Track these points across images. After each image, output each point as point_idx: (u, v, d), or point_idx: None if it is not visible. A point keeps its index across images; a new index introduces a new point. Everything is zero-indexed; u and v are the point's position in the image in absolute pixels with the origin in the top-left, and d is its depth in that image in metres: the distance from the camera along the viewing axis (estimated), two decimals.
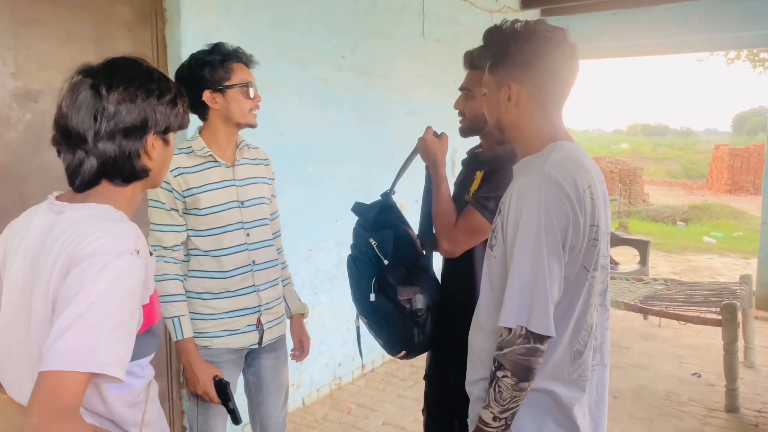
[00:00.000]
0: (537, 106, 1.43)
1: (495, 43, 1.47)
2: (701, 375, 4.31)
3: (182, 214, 1.98)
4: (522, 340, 1.29)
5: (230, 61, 1.98)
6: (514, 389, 1.31)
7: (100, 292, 0.98)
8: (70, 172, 1.15)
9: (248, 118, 2.02)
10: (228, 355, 2.06)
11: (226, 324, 2.03)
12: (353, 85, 3.97)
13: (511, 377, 1.30)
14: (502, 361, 1.32)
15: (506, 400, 1.32)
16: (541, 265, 1.29)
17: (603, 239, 1.41)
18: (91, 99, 1.12)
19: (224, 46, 2.00)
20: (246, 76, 1.99)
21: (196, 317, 2.03)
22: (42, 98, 2.42)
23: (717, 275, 7.94)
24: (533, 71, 1.40)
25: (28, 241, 1.13)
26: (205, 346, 2.03)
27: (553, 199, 1.30)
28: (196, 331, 2.03)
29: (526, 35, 1.41)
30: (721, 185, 19.03)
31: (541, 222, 1.29)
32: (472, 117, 2.00)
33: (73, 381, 0.94)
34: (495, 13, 5.47)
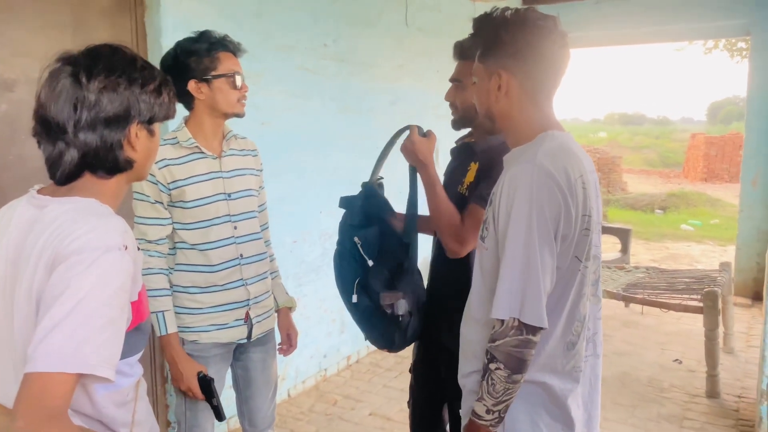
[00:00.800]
0: (527, 95, 1.41)
1: (485, 31, 1.44)
2: (682, 361, 4.37)
3: (167, 207, 1.93)
4: (514, 331, 1.28)
5: (217, 50, 1.92)
6: (507, 381, 1.30)
7: (87, 289, 0.94)
8: (51, 164, 1.11)
9: (235, 108, 1.97)
10: (216, 350, 2.03)
11: (213, 318, 2.00)
12: (336, 73, 3.92)
13: (504, 369, 1.29)
14: (494, 353, 1.31)
15: (499, 393, 1.31)
16: (533, 256, 1.28)
17: (595, 229, 1.41)
18: (70, 87, 1.07)
19: (211, 34, 1.94)
20: (233, 66, 1.94)
21: (183, 311, 1.99)
22: (18, 87, 2.34)
23: (695, 262, 8.05)
24: (524, 60, 1.38)
25: (9, 236, 1.08)
26: (192, 341, 2.00)
27: (544, 189, 1.29)
28: (183, 326, 1.99)
29: (517, 23, 1.38)
30: (697, 173, 19.28)
31: (533, 212, 1.28)
32: (464, 108, 1.97)
33: (61, 382, 0.90)
34: (478, 2, 5.43)
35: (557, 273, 1.34)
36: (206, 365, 2.00)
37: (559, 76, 1.43)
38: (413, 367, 2.26)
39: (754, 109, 5.91)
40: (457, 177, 2.02)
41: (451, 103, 2.01)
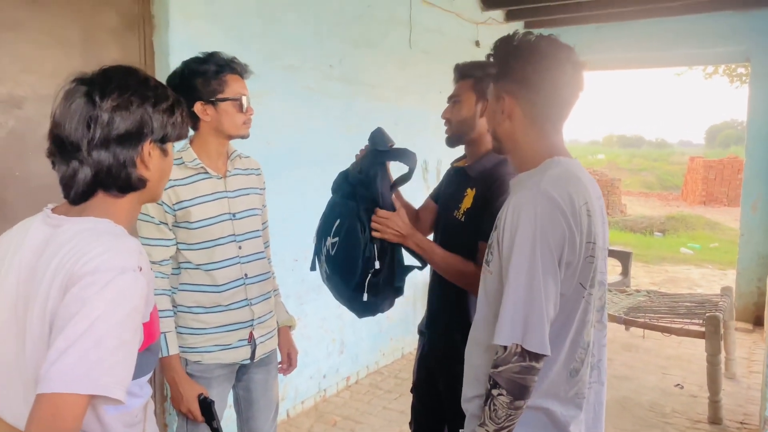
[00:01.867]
0: (531, 122, 1.42)
1: (498, 55, 1.46)
2: (684, 386, 4.34)
3: (172, 228, 1.93)
4: (517, 358, 1.28)
5: (225, 72, 1.91)
6: (509, 407, 1.29)
7: (101, 310, 0.94)
8: (65, 183, 1.11)
9: (240, 130, 1.97)
10: (219, 371, 2.01)
11: (217, 339, 1.99)
12: (340, 93, 3.95)
13: (506, 395, 1.29)
14: (497, 378, 1.30)
15: (501, 419, 1.30)
16: (536, 283, 1.28)
17: (600, 255, 1.40)
18: (84, 106, 1.08)
19: (219, 56, 1.94)
20: (240, 89, 1.94)
21: (187, 332, 1.98)
22: (26, 104, 2.36)
23: (695, 286, 8.04)
24: (528, 88, 1.39)
25: (23, 255, 1.08)
26: (196, 361, 1.98)
27: (548, 215, 1.29)
28: (187, 346, 1.98)
29: (528, 51, 1.39)
30: (695, 197, 19.33)
31: (537, 239, 1.28)
32: (458, 122, 2.00)
33: (74, 404, 0.90)
34: (480, 25, 5.51)
35: (561, 300, 1.33)
36: (209, 386, 1.98)
37: (568, 106, 1.43)
38: (414, 388, 2.25)
39: (754, 134, 5.95)
40: (452, 203, 2.02)
41: (447, 120, 2.04)
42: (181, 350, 1.98)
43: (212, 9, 2.95)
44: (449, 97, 2.05)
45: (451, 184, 2.12)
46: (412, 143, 4.57)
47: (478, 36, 5.51)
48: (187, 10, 2.82)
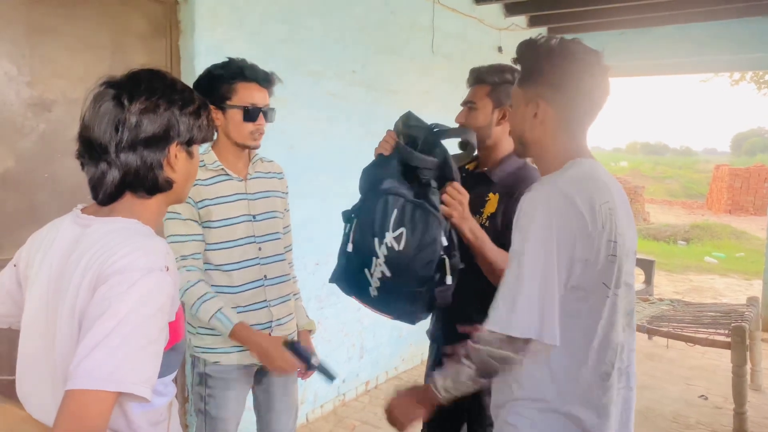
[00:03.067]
0: (562, 125, 1.42)
1: (527, 59, 1.45)
2: (708, 397, 4.27)
3: (200, 224, 1.95)
4: (501, 344, 1.32)
5: (236, 79, 1.92)
6: (472, 380, 1.38)
7: (129, 309, 0.96)
8: (93, 184, 1.13)
9: (246, 140, 1.96)
10: (238, 372, 2.03)
11: None
12: (363, 99, 3.97)
13: (474, 370, 1.36)
14: (472, 354, 1.36)
15: (461, 384, 1.39)
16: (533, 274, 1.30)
17: (625, 256, 1.39)
18: (113, 109, 1.10)
19: (235, 63, 1.94)
20: (250, 98, 1.92)
21: (206, 332, 2.00)
22: (56, 107, 2.41)
23: (719, 296, 7.91)
24: (563, 92, 1.39)
25: (53, 254, 1.11)
26: (214, 362, 2.00)
27: (559, 211, 1.30)
28: (205, 347, 2.00)
29: (560, 55, 1.39)
30: (721, 205, 19.04)
31: (547, 231, 1.29)
32: (475, 129, 1.97)
33: (101, 400, 0.91)
34: (503, 31, 5.49)
35: (584, 301, 1.32)
36: (227, 387, 2.00)
37: (596, 109, 1.43)
38: None
39: None
40: (473, 207, 1.92)
41: (462, 124, 2.02)
42: (200, 351, 2.01)
43: (237, 15, 2.99)
44: (464, 102, 2.03)
45: (471, 188, 2.08)
46: None
47: (501, 42, 5.49)
48: (213, 16, 2.86)
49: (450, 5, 4.71)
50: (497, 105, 1.96)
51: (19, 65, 2.29)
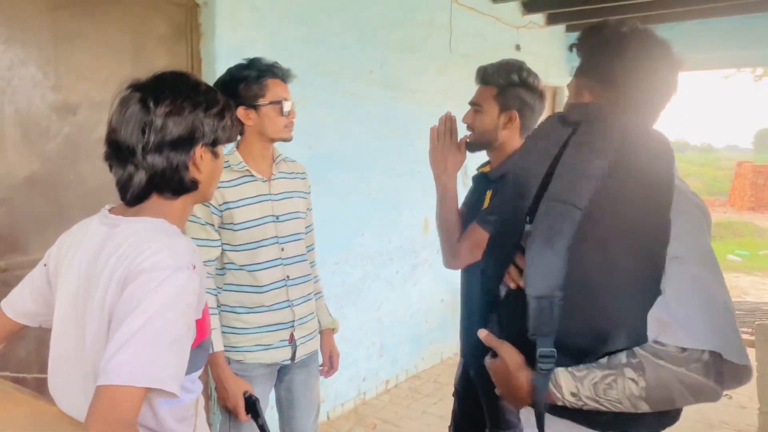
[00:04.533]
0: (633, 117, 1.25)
1: (583, 48, 1.31)
2: (732, 397, 4.21)
3: (218, 229, 1.98)
4: (700, 368, 1.04)
5: (265, 77, 1.96)
6: (631, 398, 1.06)
7: (157, 306, 0.98)
8: (121, 186, 1.16)
9: (282, 133, 2.01)
10: (261, 370, 2.05)
11: (259, 339, 2.03)
12: (381, 98, 3.98)
13: (643, 386, 1.05)
14: (646, 364, 1.05)
15: (607, 398, 1.08)
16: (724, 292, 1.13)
17: None
18: (139, 112, 1.12)
19: (260, 62, 1.99)
20: (281, 93, 1.98)
21: (230, 331, 2.02)
22: (80, 111, 2.45)
23: (743, 294, 7.79)
24: (614, 89, 1.24)
25: (82, 254, 1.13)
26: (238, 361, 2.02)
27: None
28: (229, 345, 2.02)
29: (618, 47, 1.24)
30: (744, 202, 18.72)
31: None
32: (481, 132, 2.00)
33: (131, 396, 0.93)
34: (521, 29, 5.47)
35: None
36: (251, 385, 2.02)
37: (657, 110, 1.27)
38: (456, 393, 2.25)
39: None
40: (477, 209, 2.03)
41: (469, 125, 2.04)
42: (225, 349, 2.03)
43: (257, 17, 3.02)
44: (471, 101, 2.05)
45: (475, 191, 2.14)
46: None
47: (519, 40, 5.47)
48: (233, 19, 2.89)
49: (468, 4, 4.70)
50: (503, 109, 1.96)
51: (45, 70, 2.33)
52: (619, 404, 1.07)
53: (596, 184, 1.08)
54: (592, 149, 1.12)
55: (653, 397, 1.05)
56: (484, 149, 2.05)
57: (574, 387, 1.10)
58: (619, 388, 1.06)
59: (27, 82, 2.29)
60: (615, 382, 1.06)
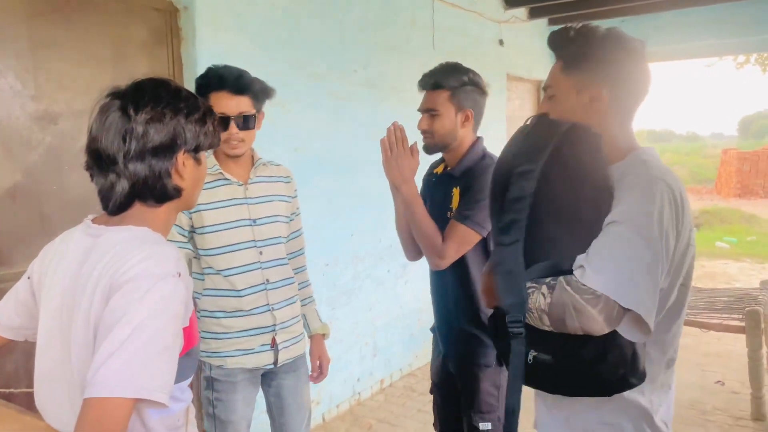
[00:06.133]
0: (615, 113, 1.38)
1: (577, 45, 1.38)
2: (725, 383, 4.25)
3: (189, 232, 1.98)
4: (602, 305, 1.15)
5: (210, 90, 1.90)
6: (538, 312, 1.21)
7: (143, 316, 0.97)
8: (103, 195, 1.14)
9: (224, 148, 1.95)
10: (243, 375, 2.04)
11: (239, 343, 2.01)
12: (365, 99, 3.97)
13: (548, 305, 1.19)
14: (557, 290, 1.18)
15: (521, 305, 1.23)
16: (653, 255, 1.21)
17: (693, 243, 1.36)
18: (119, 120, 1.11)
19: (211, 72, 1.93)
20: (219, 107, 1.86)
21: (210, 336, 2.01)
22: (61, 120, 2.42)
23: (733, 281, 7.85)
24: (619, 78, 1.35)
25: (66, 265, 1.12)
26: (219, 366, 2.01)
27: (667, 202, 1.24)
28: (210, 350, 2.02)
29: (614, 41, 1.35)
30: (730, 189, 18.89)
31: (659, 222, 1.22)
32: (442, 135, 2.07)
33: (119, 407, 0.92)
34: (503, 24, 5.48)
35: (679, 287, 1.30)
36: (234, 390, 2.02)
37: (643, 96, 1.40)
38: (435, 387, 2.33)
39: None
40: (444, 207, 2.11)
41: (425, 131, 2.10)
42: (205, 355, 2.02)
43: (238, 21, 3.00)
44: (423, 109, 2.10)
45: (438, 190, 2.19)
46: None
47: (502, 35, 5.48)
48: (214, 23, 2.87)
49: (449, 1, 4.71)
50: (459, 109, 2.06)
51: (24, 80, 2.30)
52: (530, 313, 1.23)
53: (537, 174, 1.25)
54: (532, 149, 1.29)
55: (553, 313, 1.19)
56: (444, 151, 2.13)
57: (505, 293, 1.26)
58: (533, 299, 1.22)
59: (6, 92, 2.26)
60: (532, 294, 1.22)
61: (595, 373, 1.23)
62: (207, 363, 2.02)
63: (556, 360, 1.25)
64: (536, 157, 1.25)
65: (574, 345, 1.22)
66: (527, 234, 1.23)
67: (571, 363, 1.24)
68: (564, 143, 1.26)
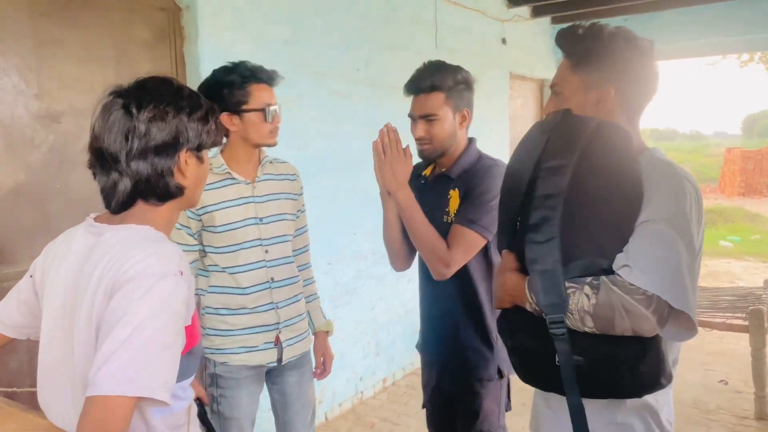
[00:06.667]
0: (623, 112, 1.38)
1: (586, 43, 1.38)
2: (728, 382, 4.24)
3: (196, 233, 1.98)
4: (651, 305, 1.13)
5: (249, 82, 1.93)
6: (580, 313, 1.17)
7: (145, 315, 0.97)
8: (106, 193, 1.14)
9: (266, 139, 1.99)
10: (246, 372, 2.04)
11: (243, 341, 2.01)
12: (368, 97, 3.97)
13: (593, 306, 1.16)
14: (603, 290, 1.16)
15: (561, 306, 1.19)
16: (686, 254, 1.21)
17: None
18: (122, 119, 1.11)
19: (245, 66, 1.95)
20: (265, 98, 1.95)
21: (214, 333, 2.02)
22: (64, 119, 2.43)
23: (736, 279, 7.83)
24: (628, 77, 1.34)
25: (68, 263, 1.12)
26: (222, 363, 2.02)
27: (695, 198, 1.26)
28: (214, 347, 2.02)
29: (623, 40, 1.35)
30: (734, 188, 18.85)
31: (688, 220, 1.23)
32: (441, 139, 1.94)
33: (121, 405, 0.92)
34: (506, 23, 5.47)
35: None
36: (237, 387, 2.02)
37: (651, 96, 1.40)
38: (428, 401, 2.33)
39: None
40: (439, 209, 1.98)
41: (422, 138, 1.96)
42: (209, 352, 2.03)
43: (240, 19, 3.00)
44: (418, 116, 1.95)
45: (430, 193, 2.04)
46: None
47: (505, 33, 5.47)
48: (216, 21, 2.87)
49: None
50: (456, 110, 1.95)
51: (27, 78, 2.31)
52: (570, 315, 1.19)
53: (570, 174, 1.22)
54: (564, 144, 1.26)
55: (598, 314, 1.16)
56: (443, 155, 2.00)
57: (536, 294, 1.23)
58: (574, 300, 1.18)
59: (9, 90, 2.26)
60: (573, 294, 1.18)
61: (634, 375, 1.21)
62: (211, 360, 2.02)
63: (590, 363, 1.21)
64: (568, 152, 1.23)
65: (610, 347, 1.20)
66: (560, 231, 1.21)
67: (608, 366, 1.21)
68: (596, 139, 1.24)
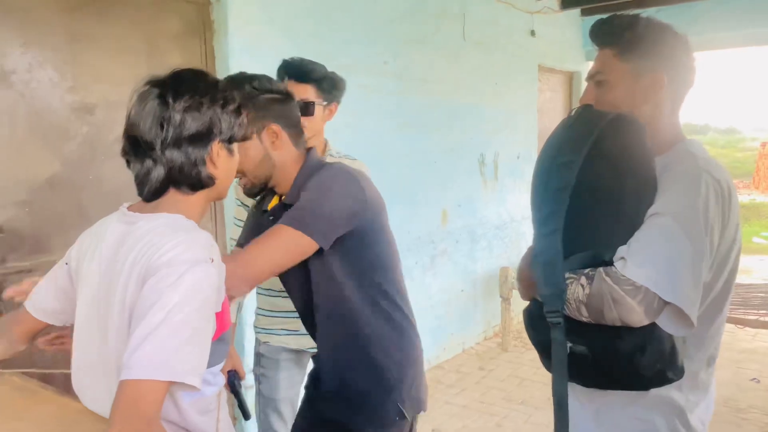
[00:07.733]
0: (669, 101, 1.37)
1: (632, 31, 1.37)
2: (760, 380, 4.15)
3: None
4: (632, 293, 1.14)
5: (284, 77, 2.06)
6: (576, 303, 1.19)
7: (176, 301, 0.99)
8: (139, 181, 1.17)
9: None
10: (286, 354, 2.09)
11: (286, 323, 2.06)
12: (394, 90, 3.97)
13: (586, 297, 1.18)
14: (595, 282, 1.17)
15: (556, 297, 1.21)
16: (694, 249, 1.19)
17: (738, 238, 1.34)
18: (158, 108, 1.13)
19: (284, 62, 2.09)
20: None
21: (261, 313, 2.10)
22: (97, 111, 2.48)
23: None
24: (673, 65, 1.35)
25: (102, 251, 1.15)
26: (265, 342, 2.07)
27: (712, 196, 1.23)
28: (260, 326, 2.10)
29: (667, 29, 1.36)
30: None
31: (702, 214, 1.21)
32: (252, 170, 1.53)
33: (154, 389, 0.95)
34: (535, 14, 5.41)
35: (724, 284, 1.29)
36: (276, 367, 2.06)
37: (690, 87, 1.40)
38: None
39: None
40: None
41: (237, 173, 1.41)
42: (256, 331, 2.11)
43: (268, 13, 3.02)
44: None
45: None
46: (468, 137, 4.50)
47: (533, 25, 5.41)
48: (245, 15, 2.90)
49: None
50: (258, 132, 1.52)
51: (62, 71, 2.36)
52: (568, 304, 1.21)
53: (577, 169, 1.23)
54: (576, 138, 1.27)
55: (591, 304, 1.18)
56: (269, 185, 1.61)
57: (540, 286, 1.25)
58: (571, 290, 1.20)
59: (45, 83, 2.32)
60: (571, 284, 1.21)
61: (632, 366, 1.20)
62: (257, 339, 2.10)
63: (592, 352, 1.23)
64: (578, 147, 1.24)
65: (611, 337, 1.20)
66: (568, 224, 1.21)
67: (608, 355, 1.22)
68: (607, 134, 1.24)
